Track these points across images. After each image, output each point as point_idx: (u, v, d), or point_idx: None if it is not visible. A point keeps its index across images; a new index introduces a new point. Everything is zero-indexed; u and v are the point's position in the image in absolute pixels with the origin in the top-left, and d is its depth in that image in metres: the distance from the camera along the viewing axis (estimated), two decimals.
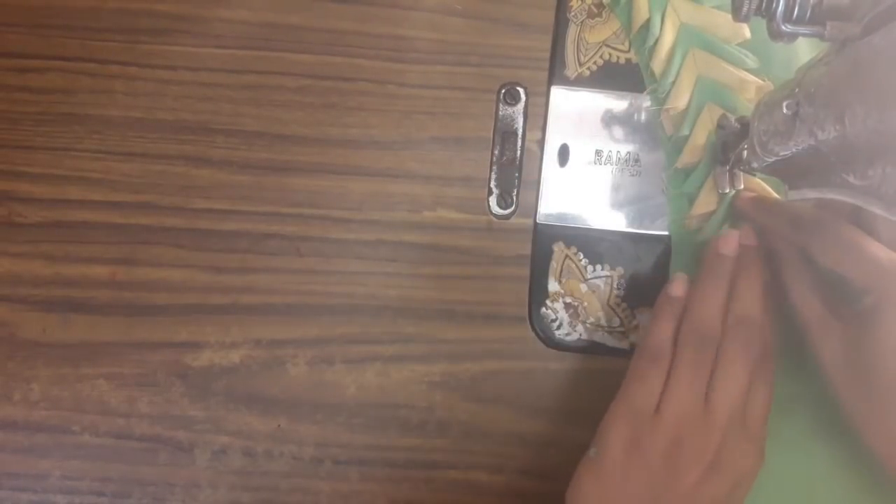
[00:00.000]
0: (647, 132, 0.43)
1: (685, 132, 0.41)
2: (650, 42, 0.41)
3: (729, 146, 0.39)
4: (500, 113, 0.43)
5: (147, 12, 0.42)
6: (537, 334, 0.42)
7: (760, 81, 0.40)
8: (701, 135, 0.40)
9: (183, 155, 0.42)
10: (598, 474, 0.36)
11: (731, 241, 0.38)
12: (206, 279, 0.42)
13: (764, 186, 0.40)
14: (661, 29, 0.40)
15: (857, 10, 0.26)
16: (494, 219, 0.42)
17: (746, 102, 0.40)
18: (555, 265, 0.42)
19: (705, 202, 0.40)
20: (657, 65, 0.41)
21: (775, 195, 0.40)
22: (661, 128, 0.42)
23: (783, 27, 0.29)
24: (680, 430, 0.35)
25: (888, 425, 0.34)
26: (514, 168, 0.43)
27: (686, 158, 0.41)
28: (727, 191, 0.40)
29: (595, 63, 0.43)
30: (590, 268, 0.42)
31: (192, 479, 0.41)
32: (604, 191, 0.43)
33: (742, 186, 0.40)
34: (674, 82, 0.41)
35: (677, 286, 0.38)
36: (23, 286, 0.41)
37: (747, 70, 0.40)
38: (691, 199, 0.41)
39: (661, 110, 0.41)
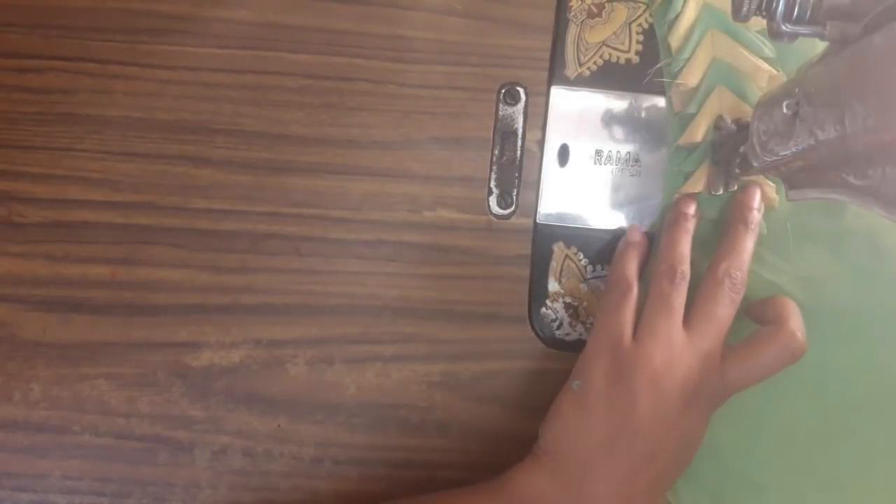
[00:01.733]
0: (647, 132, 0.43)
1: (692, 110, 0.41)
2: (671, 16, 0.41)
3: (724, 147, 0.39)
4: (500, 113, 0.43)
5: (147, 12, 0.42)
6: (537, 334, 0.42)
7: (774, 71, 0.40)
8: (707, 115, 0.40)
9: (183, 155, 0.42)
10: (580, 406, 0.37)
11: (692, 203, 0.40)
12: (206, 279, 0.42)
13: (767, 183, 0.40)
14: (683, 4, 0.41)
15: (857, 10, 0.26)
16: (494, 219, 0.42)
17: (757, 90, 0.40)
18: (555, 265, 0.42)
19: (694, 184, 0.40)
20: (675, 40, 0.41)
21: (772, 195, 0.40)
22: (668, 103, 0.42)
23: (783, 27, 0.29)
24: (662, 360, 0.36)
25: None
26: (514, 168, 0.43)
27: (688, 137, 0.41)
28: (720, 192, 0.40)
29: (595, 63, 0.43)
30: (590, 268, 0.42)
31: (192, 479, 0.41)
32: (604, 191, 0.43)
33: (735, 188, 0.40)
34: (688, 59, 0.41)
35: (635, 233, 0.41)
36: (23, 286, 0.41)
37: (763, 58, 0.40)
38: (687, 178, 0.41)
39: (672, 85, 0.41)
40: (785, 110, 0.30)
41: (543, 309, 0.42)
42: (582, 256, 0.42)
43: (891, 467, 0.40)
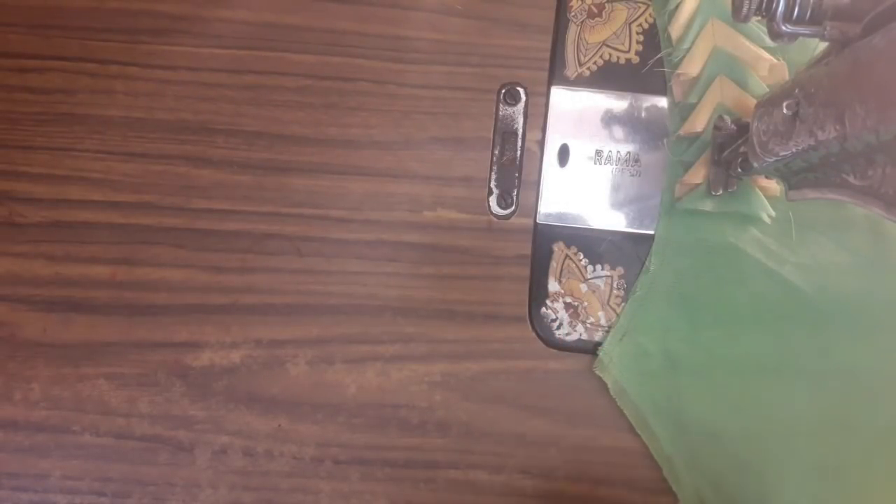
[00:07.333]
0: (647, 132, 0.43)
1: (693, 100, 0.40)
2: (671, 5, 0.41)
3: (725, 147, 0.39)
4: (500, 113, 0.43)
5: (147, 12, 0.42)
6: (537, 334, 0.42)
7: (775, 60, 0.40)
8: (708, 105, 0.40)
9: (183, 155, 0.42)
10: None
11: None
12: (206, 279, 0.42)
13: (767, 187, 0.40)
14: None
15: (857, 10, 0.26)
16: (494, 219, 0.42)
17: (758, 79, 0.40)
18: (555, 265, 0.42)
19: (695, 174, 0.40)
20: (675, 29, 0.41)
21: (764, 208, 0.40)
22: (670, 93, 0.42)
23: (783, 27, 0.29)
24: None
25: None
26: (514, 168, 0.43)
27: (689, 126, 0.41)
28: (720, 192, 0.40)
29: (595, 63, 0.43)
30: (590, 268, 0.42)
31: (192, 479, 0.41)
32: (604, 191, 0.43)
33: (735, 188, 0.39)
34: (689, 49, 0.40)
35: None
36: (23, 286, 0.42)
37: (764, 48, 0.40)
38: (687, 168, 0.41)
39: (673, 75, 0.41)
40: (785, 110, 0.30)
41: (543, 309, 0.42)
42: (582, 256, 0.42)
43: (892, 455, 0.40)
